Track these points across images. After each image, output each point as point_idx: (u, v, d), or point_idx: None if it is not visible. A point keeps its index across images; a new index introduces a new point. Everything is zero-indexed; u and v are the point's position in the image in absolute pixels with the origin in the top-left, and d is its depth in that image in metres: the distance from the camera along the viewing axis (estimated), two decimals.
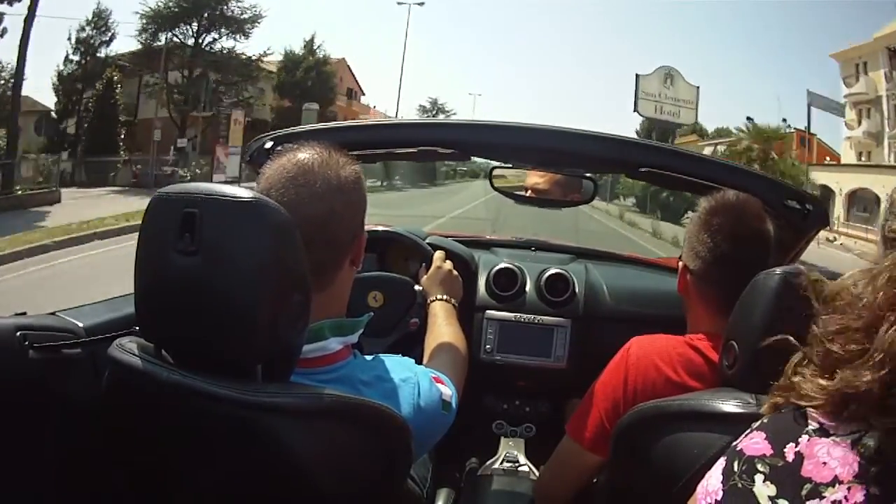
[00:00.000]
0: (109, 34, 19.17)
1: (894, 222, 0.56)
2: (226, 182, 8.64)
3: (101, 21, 19.04)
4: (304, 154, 0.80)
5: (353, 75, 30.41)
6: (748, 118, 21.09)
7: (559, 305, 1.58)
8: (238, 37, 20.07)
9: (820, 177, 19.55)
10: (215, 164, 17.37)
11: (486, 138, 1.38)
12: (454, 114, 34.30)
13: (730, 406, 0.76)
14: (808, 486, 0.47)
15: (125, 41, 36.76)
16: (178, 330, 0.70)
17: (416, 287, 1.35)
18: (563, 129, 1.33)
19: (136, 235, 0.72)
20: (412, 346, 1.20)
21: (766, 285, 0.80)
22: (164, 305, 0.70)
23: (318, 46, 23.00)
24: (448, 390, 0.88)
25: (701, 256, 1.01)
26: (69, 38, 18.78)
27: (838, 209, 18.74)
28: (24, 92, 14.21)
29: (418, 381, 0.83)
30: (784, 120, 21.50)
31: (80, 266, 7.34)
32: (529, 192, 1.81)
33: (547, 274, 1.60)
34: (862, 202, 18.51)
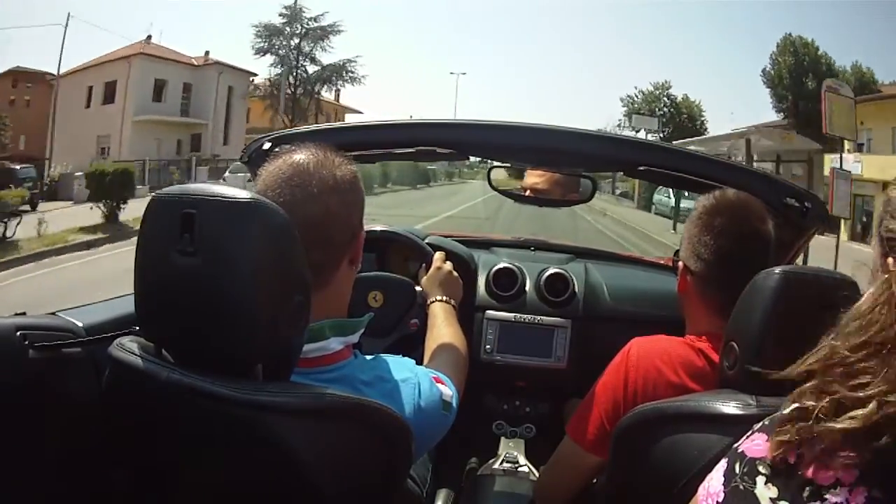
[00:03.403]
0: None
1: (891, 223, 0.55)
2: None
3: None
4: (300, 155, 0.80)
5: None
6: None
7: (559, 305, 1.58)
8: None
9: None
10: None
11: (485, 138, 1.38)
12: (323, 17, 24.04)
13: (730, 408, 0.76)
14: (809, 488, 0.47)
15: None
16: (179, 329, 0.70)
17: (417, 287, 1.35)
18: (561, 129, 1.33)
19: None
20: (412, 346, 1.20)
21: (766, 285, 0.80)
22: (164, 305, 0.70)
23: None
24: (448, 391, 0.88)
25: (703, 258, 1.00)
26: None
27: None
28: None
29: (419, 382, 0.83)
30: None
31: None
32: (528, 191, 1.81)
33: (547, 274, 1.60)
34: None
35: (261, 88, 25.68)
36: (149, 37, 22.95)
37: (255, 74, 25.73)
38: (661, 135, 27.24)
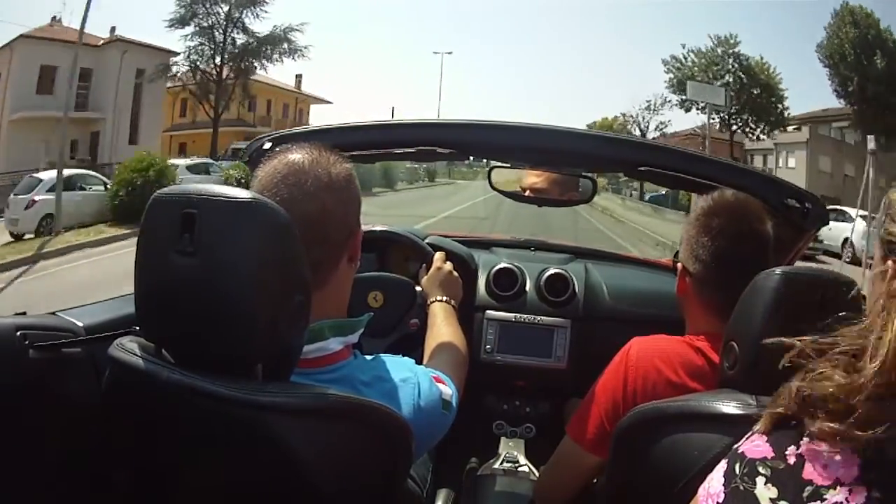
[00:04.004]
0: None
1: (892, 226, 0.56)
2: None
3: None
4: (295, 154, 0.81)
5: None
6: None
7: (559, 305, 1.58)
8: None
9: None
10: None
11: (485, 138, 1.38)
12: None
13: (730, 407, 0.76)
14: (809, 488, 0.47)
15: None
16: (179, 329, 0.70)
17: (417, 287, 1.35)
18: (561, 129, 1.34)
19: None
20: (412, 346, 1.20)
21: (766, 285, 0.80)
22: (164, 305, 0.70)
23: None
24: (448, 390, 0.89)
25: (701, 260, 1.00)
26: None
27: None
28: None
29: (418, 381, 0.83)
30: None
31: None
32: (528, 192, 1.82)
33: (547, 274, 1.61)
34: None
35: (172, 69, 19.57)
36: (54, 18, 17.83)
37: (176, 53, 19.42)
38: (729, 114, 19.60)
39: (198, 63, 19.60)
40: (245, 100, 20.67)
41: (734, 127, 20.94)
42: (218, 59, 19.55)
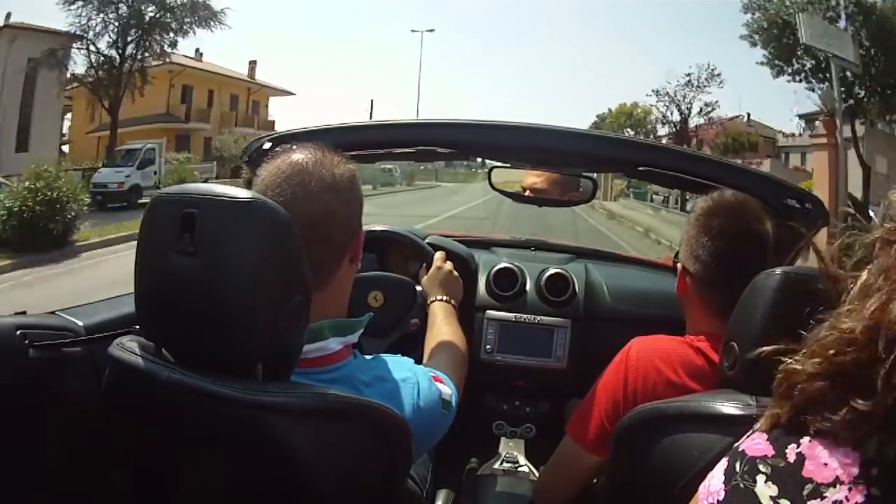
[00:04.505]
0: None
1: (892, 224, 0.55)
2: None
3: None
4: (299, 154, 0.81)
5: None
6: None
7: (559, 305, 1.58)
8: None
9: None
10: None
11: (485, 138, 1.38)
12: None
13: (730, 408, 0.76)
14: (809, 486, 0.47)
15: None
16: (179, 329, 0.71)
17: (417, 287, 1.36)
18: (562, 129, 1.34)
19: None
20: (412, 346, 1.20)
21: (766, 285, 0.80)
22: (164, 305, 0.71)
23: None
24: (448, 389, 0.89)
25: (701, 260, 1.01)
26: None
27: None
28: None
29: (418, 381, 0.84)
30: None
31: None
32: (528, 192, 1.82)
33: (547, 274, 1.61)
34: None
35: (59, 54, 15.65)
36: (9, 14, 15.09)
37: (80, 37, 15.88)
38: (851, 81, 12.39)
39: (92, 43, 16.04)
40: (141, 86, 16.93)
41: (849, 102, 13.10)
42: (122, 40, 16.22)
